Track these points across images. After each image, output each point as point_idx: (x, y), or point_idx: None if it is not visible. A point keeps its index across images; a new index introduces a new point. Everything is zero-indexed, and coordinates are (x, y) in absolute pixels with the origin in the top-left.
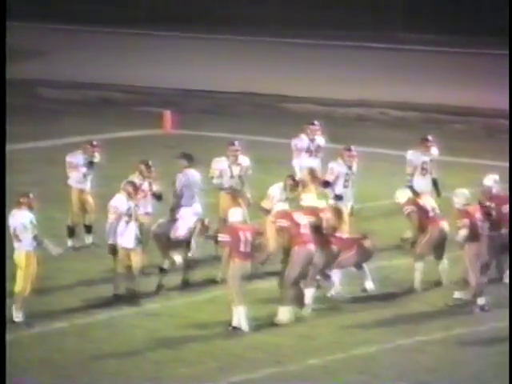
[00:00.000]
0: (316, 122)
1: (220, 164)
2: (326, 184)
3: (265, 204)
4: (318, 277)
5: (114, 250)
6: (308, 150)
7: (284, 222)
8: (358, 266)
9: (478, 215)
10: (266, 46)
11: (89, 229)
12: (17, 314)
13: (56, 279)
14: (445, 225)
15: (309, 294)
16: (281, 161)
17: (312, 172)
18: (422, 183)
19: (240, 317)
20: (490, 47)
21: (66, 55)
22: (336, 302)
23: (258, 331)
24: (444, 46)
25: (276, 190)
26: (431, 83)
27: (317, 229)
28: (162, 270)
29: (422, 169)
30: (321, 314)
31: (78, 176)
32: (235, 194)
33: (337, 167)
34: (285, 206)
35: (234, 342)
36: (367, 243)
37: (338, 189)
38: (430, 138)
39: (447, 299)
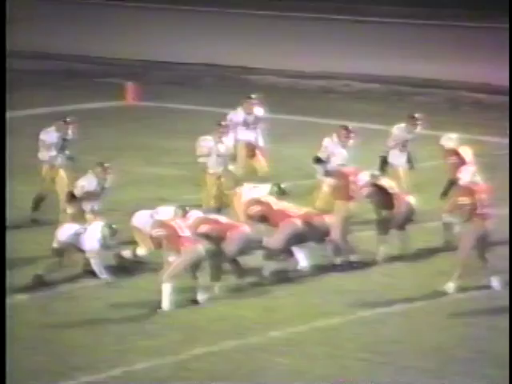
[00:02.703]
0: (253, 96)
1: (208, 143)
2: (318, 160)
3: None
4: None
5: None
6: (244, 124)
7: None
8: (318, 241)
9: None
10: (228, 18)
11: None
12: None
13: (18, 252)
14: (411, 199)
15: (267, 267)
16: None
17: (248, 146)
18: (399, 158)
19: (166, 294)
20: (452, 19)
21: (29, 26)
22: (297, 275)
23: (220, 304)
24: (405, 18)
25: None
26: (394, 55)
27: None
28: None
29: (403, 146)
30: (282, 286)
31: (50, 153)
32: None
33: (331, 146)
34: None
35: (196, 315)
36: (317, 217)
37: (331, 166)
38: (417, 116)
39: (409, 270)
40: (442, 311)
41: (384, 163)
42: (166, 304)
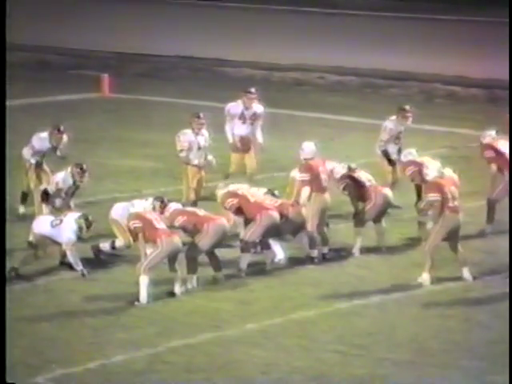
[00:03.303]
0: (253, 90)
1: (188, 136)
2: None
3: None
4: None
5: None
6: (241, 117)
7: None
8: (293, 234)
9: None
10: (202, 10)
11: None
12: None
13: None
14: (388, 192)
15: (244, 259)
16: (218, 125)
17: (242, 140)
18: (393, 151)
19: (143, 287)
20: (425, 12)
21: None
22: (273, 267)
23: (196, 297)
24: (380, 11)
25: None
26: (369, 48)
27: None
28: (113, 248)
29: (397, 138)
30: (259, 278)
31: (37, 156)
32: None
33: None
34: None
35: (172, 307)
36: (292, 210)
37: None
38: (407, 107)
39: (385, 262)
40: (417, 303)
41: (388, 157)
42: (143, 296)
